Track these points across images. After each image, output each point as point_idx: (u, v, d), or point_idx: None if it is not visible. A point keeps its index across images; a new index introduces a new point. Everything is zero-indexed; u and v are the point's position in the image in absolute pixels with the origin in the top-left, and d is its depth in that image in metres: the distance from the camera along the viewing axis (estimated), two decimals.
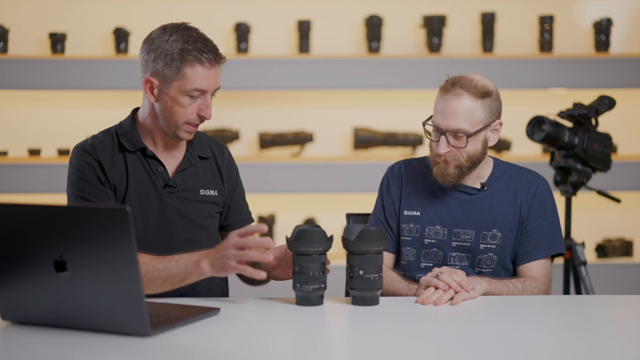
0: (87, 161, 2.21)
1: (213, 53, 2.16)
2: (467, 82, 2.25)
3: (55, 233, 1.69)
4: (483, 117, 2.27)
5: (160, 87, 2.16)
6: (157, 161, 2.25)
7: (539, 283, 2.27)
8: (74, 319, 1.73)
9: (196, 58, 2.13)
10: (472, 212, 2.34)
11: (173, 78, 2.14)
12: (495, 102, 2.30)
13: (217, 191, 2.32)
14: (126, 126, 2.27)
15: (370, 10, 4.56)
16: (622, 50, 4.67)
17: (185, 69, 2.13)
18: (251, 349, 1.67)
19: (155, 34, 2.18)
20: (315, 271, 1.97)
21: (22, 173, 4.32)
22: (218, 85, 2.19)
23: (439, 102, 2.29)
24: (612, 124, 4.24)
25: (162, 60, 2.14)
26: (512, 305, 2.08)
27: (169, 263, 2.02)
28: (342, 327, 1.91)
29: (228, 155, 2.40)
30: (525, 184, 2.36)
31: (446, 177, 2.30)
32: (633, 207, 4.67)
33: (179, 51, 2.13)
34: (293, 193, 4.47)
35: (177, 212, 2.25)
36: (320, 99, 4.66)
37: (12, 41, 4.47)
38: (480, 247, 2.32)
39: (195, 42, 2.14)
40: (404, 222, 2.39)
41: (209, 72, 2.15)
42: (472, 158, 2.29)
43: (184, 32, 2.16)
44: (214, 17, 4.60)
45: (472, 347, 1.67)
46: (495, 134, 2.33)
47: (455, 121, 2.24)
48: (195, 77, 2.14)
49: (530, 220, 2.33)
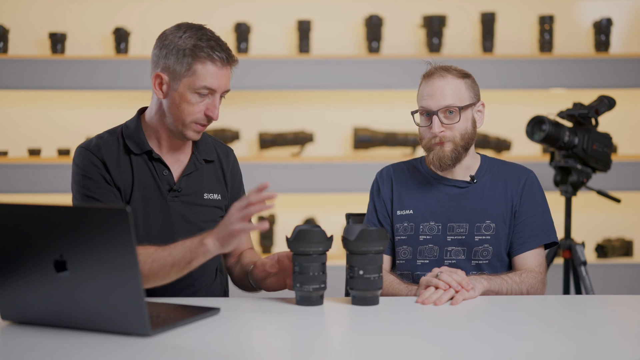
0: (92, 161, 2.19)
1: (226, 53, 2.16)
2: (447, 67, 2.37)
3: (55, 233, 1.69)
4: (468, 95, 2.35)
5: (169, 83, 2.15)
6: (162, 164, 2.23)
7: (535, 274, 2.29)
8: (74, 319, 1.73)
9: (208, 55, 2.13)
10: (465, 204, 2.37)
11: (183, 74, 2.13)
12: (474, 84, 2.40)
13: (220, 195, 2.31)
14: (132, 127, 2.25)
15: (370, 10, 4.56)
16: (622, 50, 4.67)
17: (196, 66, 2.13)
18: (251, 349, 1.67)
19: (170, 30, 2.18)
20: (315, 271, 1.97)
21: (22, 173, 4.32)
22: (228, 88, 2.19)
23: (424, 88, 2.37)
24: (612, 124, 4.24)
25: (173, 55, 2.13)
26: (513, 305, 2.08)
27: (174, 248, 1.99)
28: (342, 327, 1.91)
29: (233, 158, 2.39)
30: (514, 176, 2.40)
31: (443, 160, 2.34)
32: (633, 207, 4.67)
33: (192, 47, 2.13)
34: (293, 193, 4.47)
35: (180, 216, 2.24)
36: (320, 99, 4.66)
37: (12, 41, 4.47)
38: (476, 238, 2.34)
39: (209, 41, 2.15)
40: (398, 222, 2.40)
41: (220, 71, 2.15)
42: (465, 137, 2.34)
43: (198, 31, 2.16)
44: (214, 17, 4.59)
45: (472, 347, 1.67)
46: (481, 116, 2.41)
47: (445, 98, 2.32)
48: (206, 74, 2.13)
49: (522, 211, 2.36)
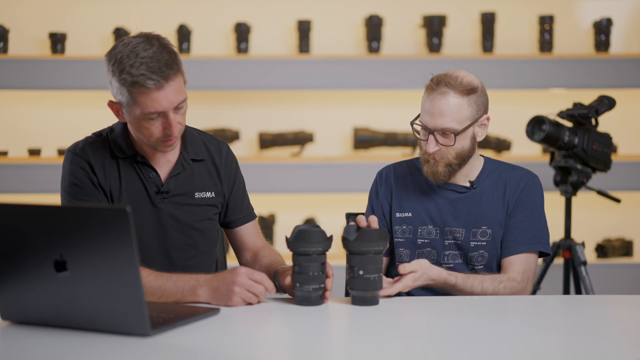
0: (79, 164, 2.19)
1: (159, 74, 2.01)
2: (452, 80, 2.26)
3: (55, 233, 1.69)
4: (470, 114, 2.27)
5: (122, 111, 2.11)
6: (149, 167, 2.22)
7: (516, 282, 2.24)
8: (74, 319, 1.73)
9: (142, 86, 2.01)
10: (462, 210, 2.35)
11: (129, 103, 2.06)
12: (481, 97, 2.30)
13: (214, 192, 2.29)
14: (117, 131, 2.23)
15: (370, 10, 4.56)
16: (622, 50, 4.67)
17: (135, 97, 2.04)
18: (251, 349, 1.67)
19: (107, 58, 2.08)
20: (314, 271, 1.97)
21: (22, 173, 4.32)
22: (178, 100, 2.06)
23: (425, 101, 2.30)
24: (612, 124, 4.24)
25: (114, 87, 2.07)
26: (513, 305, 2.08)
27: (166, 282, 2.00)
28: (342, 327, 1.91)
29: (226, 151, 2.34)
30: (515, 180, 2.36)
31: (437, 176, 2.31)
32: (633, 207, 4.67)
33: (124, 81, 2.03)
34: (293, 193, 4.47)
35: (171, 217, 2.23)
36: (320, 99, 4.66)
37: (12, 41, 4.47)
38: (471, 244, 2.33)
39: (139, 67, 2.01)
40: (397, 224, 2.40)
41: (160, 93, 2.02)
42: (461, 155, 2.30)
43: (129, 56, 2.03)
44: (214, 17, 4.60)
45: (472, 347, 1.67)
46: (484, 129, 2.34)
47: (443, 120, 2.25)
48: (147, 102, 2.03)
49: (513, 215, 2.33)
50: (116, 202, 2.20)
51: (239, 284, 1.95)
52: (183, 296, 1.99)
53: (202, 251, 2.29)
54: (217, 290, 1.96)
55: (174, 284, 2.00)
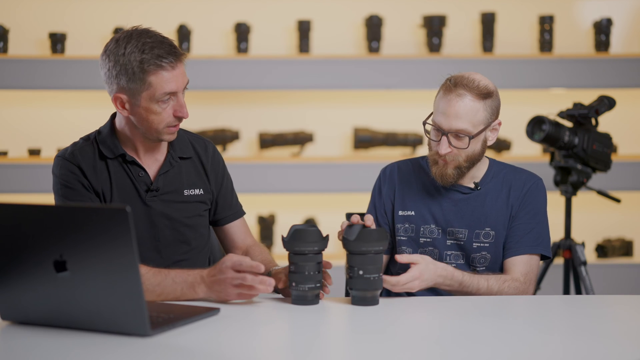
0: (69, 169, 2.22)
1: (172, 55, 2.13)
2: (470, 83, 2.25)
3: (55, 233, 1.69)
4: (484, 118, 2.27)
5: (130, 101, 2.15)
6: (137, 166, 2.25)
7: (519, 283, 2.25)
8: (74, 319, 1.73)
9: (157, 65, 2.10)
10: (465, 210, 2.35)
11: (140, 90, 2.12)
12: (495, 101, 2.31)
13: (202, 189, 2.32)
14: (105, 133, 2.26)
15: (370, 10, 4.56)
16: (622, 50, 4.67)
17: (149, 79, 2.11)
18: (251, 349, 1.66)
19: (110, 49, 2.14)
20: (310, 270, 1.98)
21: (22, 173, 4.32)
22: (185, 82, 2.17)
23: (440, 101, 2.28)
24: (612, 124, 4.24)
25: (124, 75, 2.11)
26: (513, 305, 2.08)
27: (165, 279, 2.03)
28: (341, 327, 1.91)
29: (212, 150, 2.38)
30: (520, 182, 2.36)
31: (445, 178, 2.31)
32: (633, 207, 4.67)
33: (138, 63, 2.10)
34: (293, 193, 4.46)
35: (162, 215, 2.26)
36: (320, 99, 4.65)
37: (12, 41, 4.47)
38: (474, 245, 2.33)
39: (152, 49, 2.11)
40: (399, 222, 2.40)
41: (173, 73, 2.13)
42: (471, 158, 2.30)
43: (137, 41, 2.12)
44: (214, 17, 4.59)
45: (472, 347, 1.67)
46: (494, 134, 2.34)
47: (458, 122, 2.24)
48: (162, 83, 2.12)
49: (517, 216, 2.33)
50: (108, 202, 2.23)
51: (229, 280, 1.96)
52: (182, 293, 2.01)
53: (194, 247, 2.33)
54: (213, 288, 1.99)
55: (172, 281, 2.02)
